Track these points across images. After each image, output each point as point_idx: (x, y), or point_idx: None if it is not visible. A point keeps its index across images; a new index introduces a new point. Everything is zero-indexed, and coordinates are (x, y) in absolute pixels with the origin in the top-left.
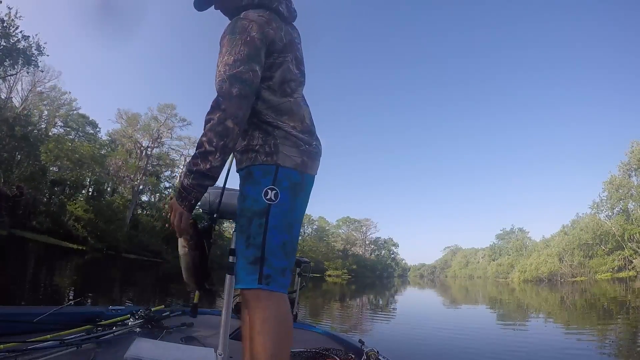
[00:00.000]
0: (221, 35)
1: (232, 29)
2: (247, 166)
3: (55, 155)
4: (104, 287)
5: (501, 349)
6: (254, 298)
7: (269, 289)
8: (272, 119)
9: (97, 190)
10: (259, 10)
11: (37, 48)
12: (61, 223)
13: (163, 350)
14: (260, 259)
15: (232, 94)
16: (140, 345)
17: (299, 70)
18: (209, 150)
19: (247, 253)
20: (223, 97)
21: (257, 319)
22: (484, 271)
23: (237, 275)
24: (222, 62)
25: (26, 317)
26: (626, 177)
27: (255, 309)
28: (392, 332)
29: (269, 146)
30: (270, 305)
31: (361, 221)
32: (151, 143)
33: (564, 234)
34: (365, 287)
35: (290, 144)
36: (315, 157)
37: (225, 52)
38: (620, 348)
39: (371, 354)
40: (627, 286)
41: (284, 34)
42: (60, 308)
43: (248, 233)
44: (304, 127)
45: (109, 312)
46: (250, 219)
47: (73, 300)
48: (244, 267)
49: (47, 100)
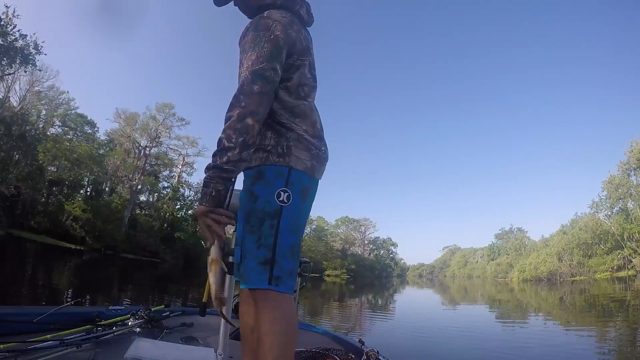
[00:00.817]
0: (242, 33)
1: (255, 26)
2: (257, 166)
3: (53, 155)
4: (102, 287)
5: (502, 348)
6: (262, 298)
7: (278, 290)
8: (286, 120)
9: (95, 190)
10: (282, 11)
11: (35, 47)
12: (59, 223)
13: (163, 350)
14: (270, 260)
15: (253, 90)
16: (140, 345)
17: (312, 75)
18: (227, 146)
19: (258, 253)
20: (244, 94)
21: (265, 319)
22: (483, 271)
23: (246, 275)
24: (246, 58)
25: (26, 317)
26: (625, 176)
27: (264, 309)
28: (391, 331)
29: (281, 147)
30: (278, 306)
31: (360, 221)
32: (149, 143)
33: (563, 234)
34: (364, 287)
35: (302, 147)
36: (323, 162)
37: (249, 48)
38: (619, 347)
39: (371, 354)
40: (626, 285)
41: (303, 37)
42: (60, 308)
43: (259, 234)
44: (315, 132)
45: (109, 312)
46: (262, 220)
47: (72, 300)
48: (255, 267)
49: (45, 99)
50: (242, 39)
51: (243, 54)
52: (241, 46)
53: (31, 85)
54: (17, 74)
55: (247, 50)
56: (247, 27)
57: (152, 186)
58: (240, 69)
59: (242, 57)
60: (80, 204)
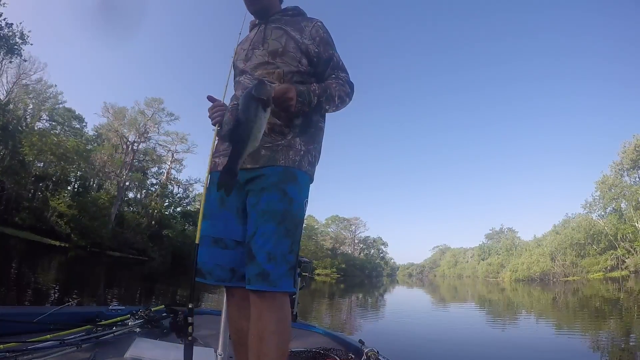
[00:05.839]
0: (303, 18)
1: (322, 27)
2: (288, 167)
3: (39, 149)
4: (88, 286)
5: (498, 347)
6: (271, 298)
7: (294, 290)
8: (317, 133)
9: (82, 186)
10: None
11: (21, 37)
12: (44, 219)
13: (163, 350)
14: (295, 266)
15: (351, 93)
16: (140, 345)
17: None
18: (335, 100)
19: (289, 258)
20: (351, 88)
21: (272, 319)
22: (473, 271)
23: (275, 280)
24: (331, 54)
25: (26, 317)
26: (618, 176)
27: (270, 308)
28: (387, 330)
29: (311, 156)
30: (284, 306)
31: (350, 220)
32: (137, 138)
33: (555, 234)
34: (355, 286)
35: (316, 161)
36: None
37: (328, 44)
38: (612, 347)
39: (371, 354)
40: (619, 286)
41: None
42: (60, 308)
43: (293, 239)
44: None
45: (109, 312)
46: (296, 226)
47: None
48: (286, 272)
49: (33, 93)
50: (316, 29)
51: (314, 39)
52: (300, 26)
53: (18, 78)
54: (4, 66)
55: (326, 41)
56: (312, 20)
57: (140, 183)
58: (283, 41)
59: (301, 37)
60: (65, 200)
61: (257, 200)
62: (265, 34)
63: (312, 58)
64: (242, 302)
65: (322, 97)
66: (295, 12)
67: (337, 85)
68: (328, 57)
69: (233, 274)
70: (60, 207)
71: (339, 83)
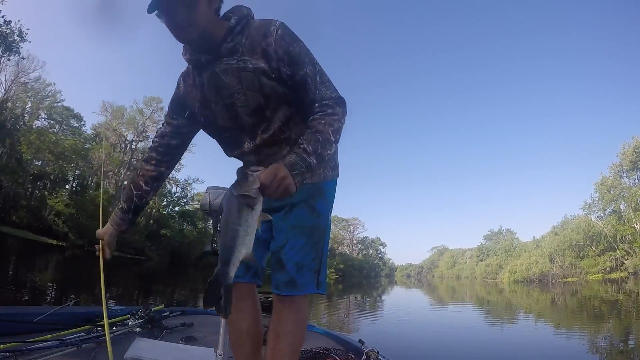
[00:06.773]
0: (272, 31)
1: (290, 34)
2: (315, 182)
3: (37, 147)
4: (86, 285)
5: (497, 348)
6: (290, 301)
7: (323, 292)
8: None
9: (80, 185)
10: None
11: (20, 34)
12: (41, 218)
13: (163, 350)
14: (318, 269)
15: (345, 113)
16: (140, 345)
17: None
18: (331, 140)
19: (312, 265)
20: (342, 107)
21: (290, 319)
22: (472, 271)
23: (302, 285)
24: (311, 69)
25: (26, 317)
26: (618, 178)
27: (289, 310)
28: (383, 330)
29: (333, 160)
30: (302, 308)
31: (349, 220)
32: (136, 137)
33: (554, 235)
34: (353, 287)
35: (336, 156)
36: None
37: (306, 58)
38: (610, 349)
39: (371, 354)
40: (618, 287)
41: None
42: (60, 308)
43: (319, 248)
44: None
45: (109, 312)
46: (322, 237)
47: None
48: (312, 278)
49: (31, 91)
50: (287, 42)
51: (282, 59)
52: (276, 46)
53: (17, 76)
54: (2, 63)
55: (294, 59)
56: (269, 28)
57: None
58: (256, 84)
59: (281, 54)
60: (63, 199)
61: (287, 214)
62: (228, 83)
63: (286, 81)
64: (240, 304)
65: (318, 149)
66: (242, 24)
67: (326, 120)
68: (301, 79)
69: (247, 270)
70: (57, 206)
71: (327, 114)
